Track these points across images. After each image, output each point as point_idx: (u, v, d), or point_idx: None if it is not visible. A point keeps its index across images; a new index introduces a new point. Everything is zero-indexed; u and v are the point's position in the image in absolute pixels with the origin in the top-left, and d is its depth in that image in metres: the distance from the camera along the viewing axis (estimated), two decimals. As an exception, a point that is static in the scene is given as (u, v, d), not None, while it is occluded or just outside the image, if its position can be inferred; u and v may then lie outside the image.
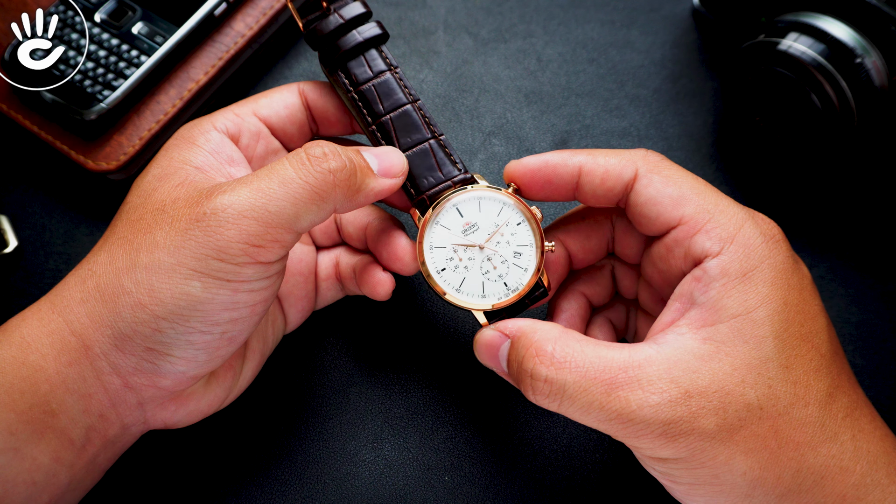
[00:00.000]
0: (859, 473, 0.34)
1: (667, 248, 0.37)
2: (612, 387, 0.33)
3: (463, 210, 0.39)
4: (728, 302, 0.34)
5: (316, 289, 0.44)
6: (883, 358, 0.46)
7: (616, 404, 0.33)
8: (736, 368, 0.33)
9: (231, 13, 0.51)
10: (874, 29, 0.44)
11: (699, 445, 0.33)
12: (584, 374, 0.34)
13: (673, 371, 0.33)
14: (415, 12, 0.55)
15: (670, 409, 0.33)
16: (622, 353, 0.34)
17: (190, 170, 0.37)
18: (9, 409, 0.33)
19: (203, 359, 0.35)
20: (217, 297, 0.34)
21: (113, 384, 0.35)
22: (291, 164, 0.35)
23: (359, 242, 0.43)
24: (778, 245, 0.35)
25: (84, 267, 0.36)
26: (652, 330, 0.36)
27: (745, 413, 0.33)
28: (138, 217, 0.36)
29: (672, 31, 0.55)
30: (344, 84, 0.41)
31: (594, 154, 0.38)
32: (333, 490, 0.43)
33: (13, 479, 0.33)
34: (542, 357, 0.34)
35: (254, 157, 0.41)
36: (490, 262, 0.39)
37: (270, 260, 0.35)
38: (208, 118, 0.40)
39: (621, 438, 0.34)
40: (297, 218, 0.35)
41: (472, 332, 0.46)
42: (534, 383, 0.35)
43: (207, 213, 0.34)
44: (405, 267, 0.40)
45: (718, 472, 0.33)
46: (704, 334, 0.34)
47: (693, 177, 0.37)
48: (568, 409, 0.34)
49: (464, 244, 0.39)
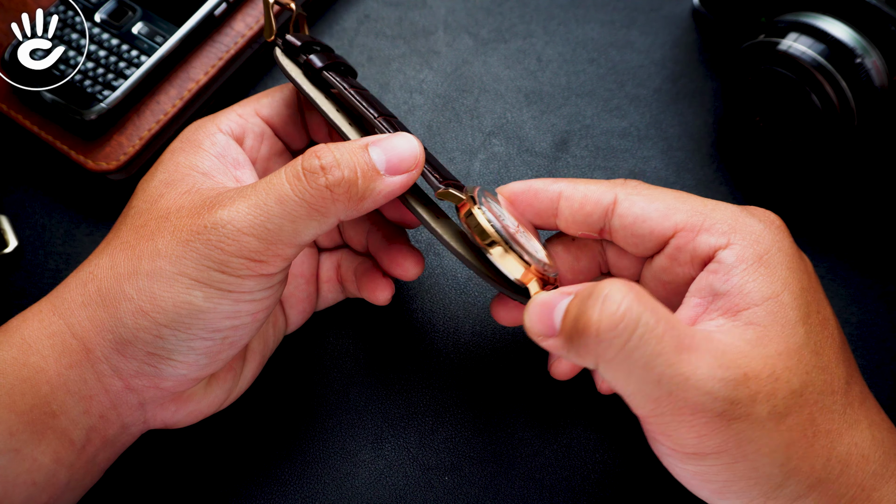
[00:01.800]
0: (878, 462, 0.33)
1: (670, 258, 0.36)
2: (683, 347, 0.30)
3: (492, 199, 0.38)
4: (754, 286, 0.33)
5: (317, 291, 0.44)
6: (883, 358, 0.46)
7: (684, 367, 0.30)
8: (780, 353, 0.32)
9: (231, 13, 0.51)
10: (874, 29, 0.44)
11: (748, 434, 0.31)
12: (662, 319, 0.30)
13: (729, 352, 0.31)
14: (415, 12, 0.55)
15: (734, 388, 0.30)
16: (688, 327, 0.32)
17: (197, 176, 0.37)
18: (9, 410, 0.33)
19: (204, 362, 0.35)
20: (219, 306, 0.34)
21: (114, 386, 0.35)
22: (288, 180, 0.34)
23: (360, 246, 0.43)
24: (781, 231, 0.35)
25: (85, 270, 0.36)
26: None
27: (791, 400, 0.31)
28: (142, 223, 0.36)
29: (672, 31, 0.55)
30: (340, 85, 0.38)
31: (575, 182, 0.38)
32: (333, 490, 0.43)
33: (13, 480, 0.33)
34: (619, 289, 0.30)
35: (258, 158, 0.40)
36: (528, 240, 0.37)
37: (272, 272, 0.35)
38: (213, 120, 0.39)
39: (666, 416, 0.31)
40: (297, 234, 0.34)
41: (473, 332, 0.46)
42: (603, 315, 0.30)
43: (208, 226, 0.33)
44: (406, 272, 0.40)
45: (759, 465, 0.31)
46: (745, 318, 0.33)
47: (673, 191, 0.37)
48: (625, 361, 0.30)
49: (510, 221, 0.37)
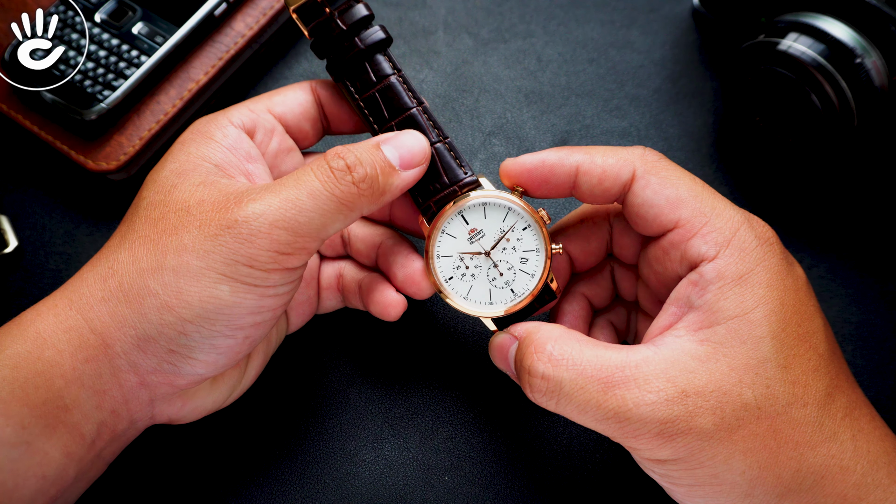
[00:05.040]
0: (860, 473, 0.34)
1: (663, 250, 0.37)
2: (609, 385, 0.33)
3: (468, 217, 0.39)
4: (725, 304, 0.34)
5: (318, 296, 0.44)
6: (883, 358, 0.46)
7: (612, 402, 0.33)
8: (733, 369, 0.33)
9: (231, 13, 0.51)
10: (874, 29, 0.44)
11: (697, 445, 0.33)
12: (581, 372, 0.34)
13: (670, 371, 0.33)
14: (415, 12, 0.55)
15: (667, 407, 0.33)
16: (620, 354, 0.34)
17: (209, 167, 0.37)
18: (22, 404, 0.33)
19: (223, 362, 0.36)
20: (245, 301, 0.34)
21: (129, 382, 0.35)
22: (317, 176, 0.35)
23: (367, 259, 0.43)
24: (771, 247, 0.35)
25: (104, 264, 0.36)
26: (648, 333, 0.36)
27: (742, 412, 0.33)
28: (160, 216, 0.36)
29: (672, 31, 0.55)
30: (350, 92, 0.40)
31: (591, 153, 0.38)
32: (333, 490, 0.43)
33: (24, 473, 0.33)
34: (540, 354, 0.35)
35: (267, 153, 0.40)
36: (496, 268, 0.39)
37: (296, 266, 0.35)
38: (224, 113, 0.39)
39: (619, 439, 0.34)
40: (325, 227, 0.35)
41: (472, 332, 0.46)
42: (531, 380, 0.35)
43: (239, 220, 0.34)
44: (420, 291, 0.40)
45: (718, 472, 0.33)
46: (702, 336, 0.34)
47: (691, 177, 0.37)
48: (565, 408, 0.34)
49: (469, 252, 0.39)
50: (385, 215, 0.43)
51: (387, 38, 0.40)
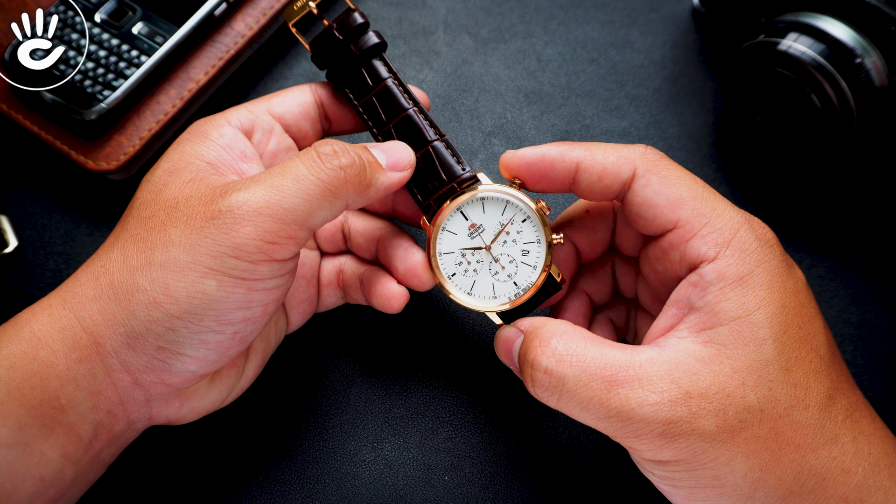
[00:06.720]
0: (861, 475, 0.34)
1: (663, 250, 0.37)
2: (613, 384, 0.33)
3: (467, 212, 0.39)
4: (726, 305, 0.34)
5: (318, 293, 0.44)
6: (883, 358, 0.46)
7: (616, 401, 0.33)
8: (736, 371, 0.33)
9: (231, 13, 0.51)
10: (874, 29, 0.44)
11: (700, 446, 0.33)
12: (585, 370, 0.34)
13: (674, 372, 0.33)
14: (415, 12, 0.55)
15: (670, 408, 0.33)
16: (624, 353, 0.34)
17: (201, 164, 0.37)
18: (18, 404, 0.33)
19: (213, 358, 0.36)
20: (232, 295, 0.34)
21: (122, 381, 0.35)
22: (303, 162, 0.35)
23: (367, 253, 0.43)
24: (771, 249, 0.35)
25: (96, 264, 0.36)
26: (649, 335, 0.36)
27: (745, 415, 0.33)
28: (150, 214, 0.36)
29: (672, 31, 0.55)
30: (350, 98, 0.41)
31: (593, 150, 0.38)
32: (333, 490, 0.43)
33: (21, 474, 0.33)
34: (544, 348, 0.35)
35: (265, 152, 0.41)
36: (498, 262, 0.39)
37: (284, 257, 0.35)
38: (222, 114, 0.40)
39: (620, 439, 0.34)
40: (311, 214, 0.35)
41: (473, 332, 0.46)
42: (534, 373, 0.35)
43: (223, 210, 0.34)
44: (422, 283, 0.40)
45: (719, 474, 0.33)
46: (705, 337, 0.34)
47: (691, 177, 0.37)
48: (567, 405, 0.34)
49: (470, 248, 0.39)
50: (387, 208, 0.43)
51: (381, 43, 0.41)
